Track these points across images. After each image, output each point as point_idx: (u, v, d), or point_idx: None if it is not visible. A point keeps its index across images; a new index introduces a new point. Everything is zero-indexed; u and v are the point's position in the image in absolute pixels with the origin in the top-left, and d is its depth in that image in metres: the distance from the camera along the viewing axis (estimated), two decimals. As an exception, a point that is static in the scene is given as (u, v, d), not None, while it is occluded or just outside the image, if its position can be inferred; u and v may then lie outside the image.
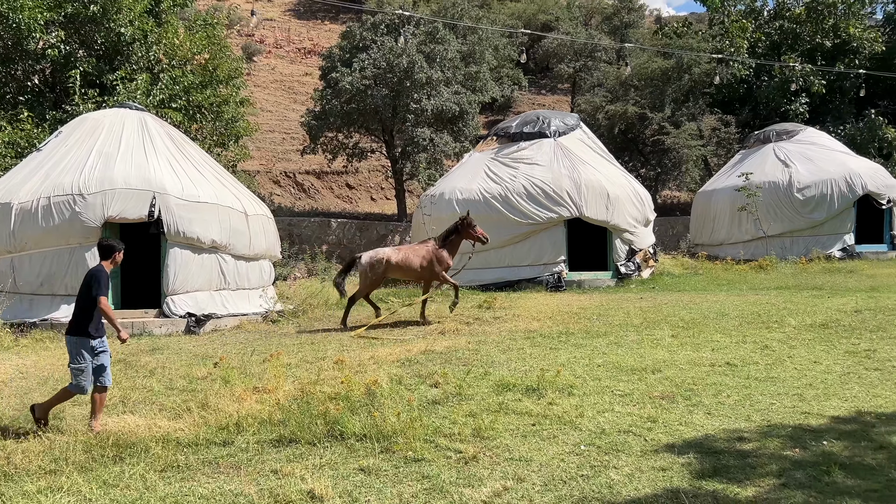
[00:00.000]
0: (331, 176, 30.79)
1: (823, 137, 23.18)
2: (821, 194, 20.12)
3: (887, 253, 20.40)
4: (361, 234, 23.12)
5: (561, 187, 16.33)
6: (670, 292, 15.02)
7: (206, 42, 19.36)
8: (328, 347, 9.86)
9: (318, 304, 13.97)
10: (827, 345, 8.80)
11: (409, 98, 24.18)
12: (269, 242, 14.18)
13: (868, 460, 4.89)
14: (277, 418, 6.25)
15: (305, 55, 46.60)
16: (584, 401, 6.66)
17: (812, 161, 21.10)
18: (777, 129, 23.52)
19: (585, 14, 52.26)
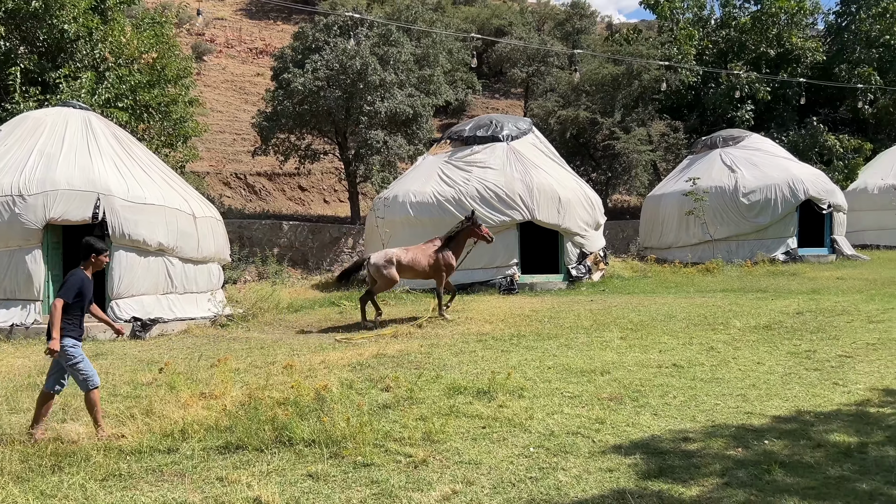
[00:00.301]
0: (283, 178, 30.46)
1: (768, 143, 23.82)
2: (765, 199, 20.66)
3: (828, 256, 21.06)
4: (314, 236, 22.92)
5: (514, 191, 16.45)
6: (620, 295, 15.24)
7: (153, 40, 18.95)
8: (278, 352, 9.74)
9: (269, 308, 13.78)
10: (770, 346, 9.04)
11: (363, 100, 24.08)
12: (218, 245, 13.94)
13: (807, 458, 5.03)
14: (224, 424, 6.14)
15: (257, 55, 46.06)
16: (534, 403, 6.71)
17: (757, 167, 21.66)
18: (723, 135, 24.09)
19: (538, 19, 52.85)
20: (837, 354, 8.35)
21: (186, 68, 20.26)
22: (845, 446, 5.21)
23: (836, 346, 8.79)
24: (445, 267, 12.57)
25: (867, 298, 12.77)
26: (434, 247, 12.72)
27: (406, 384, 7.34)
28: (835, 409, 6.18)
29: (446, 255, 12.60)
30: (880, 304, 11.93)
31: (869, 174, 27.79)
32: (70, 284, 6.17)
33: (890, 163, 27.55)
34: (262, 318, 13.30)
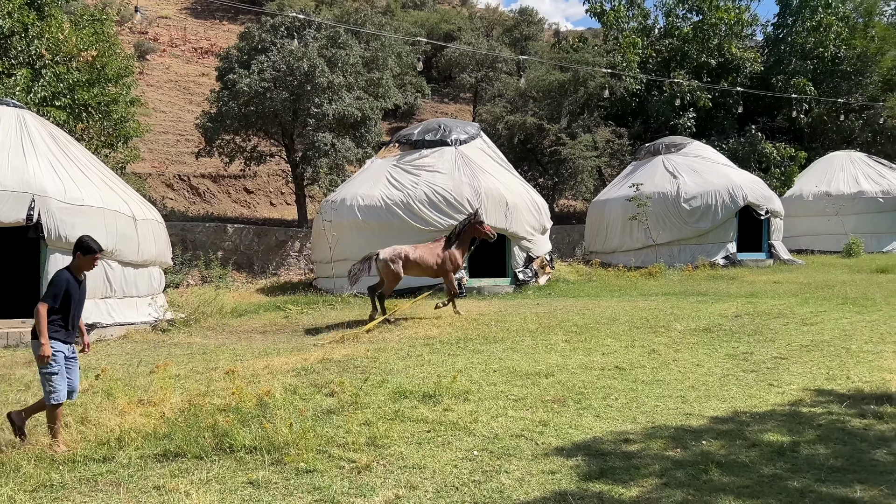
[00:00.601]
0: (228, 180, 29.94)
1: (708, 151, 24.46)
2: (706, 205, 21.20)
3: (766, 261, 21.71)
4: (259, 239, 22.59)
5: (462, 195, 16.50)
6: (565, 298, 15.43)
7: (93, 38, 18.43)
8: (220, 357, 9.55)
9: (212, 313, 13.52)
10: (709, 348, 9.25)
11: (310, 102, 23.86)
12: (159, 248, 13.62)
13: (742, 458, 5.16)
14: (163, 432, 6.00)
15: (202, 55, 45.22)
16: (480, 406, 6.73)
17: (698, 173, 22.22)
18: (666, 141, 24.64)
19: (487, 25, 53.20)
20: (773, 356, 8.59)
21: (128, 67, 19.77)
22: (778, 445, 5.36)
23: (771, 348, 9.05)
24: (452, 265, 12.82)
25: (802, 302, 13.19)
26: (440, 245, 12.97)
27: (351, 389, 7.28)
28: (769, 410, 6.36)
29: (453, 254, 12.87)
30: (814, 308, 12.35)
31: (804, 181, 28.78)
32: (54, 286, 5.91)
33: (823, 170, 28.58)
34: (204, 322, 13.04)
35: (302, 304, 14.75)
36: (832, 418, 6.01)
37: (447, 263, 12.77)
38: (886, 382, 7.08)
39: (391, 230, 16.21)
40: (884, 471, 4.84)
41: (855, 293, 14.19)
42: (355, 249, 16.51)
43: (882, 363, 7.96)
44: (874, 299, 13.11)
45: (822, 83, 34.41)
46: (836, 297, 13.76)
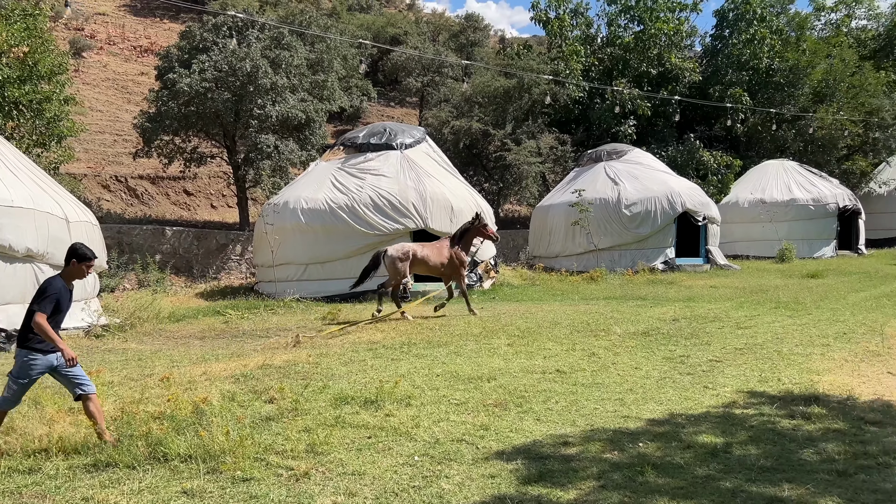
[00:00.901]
0: (167, 181, 29.25)
1: (648, 158, 25.01)
2: (646, 211, 21.66)
3: (703, 266, 22.30)
4: (199, 243, 22.11)
5: (407, 199, 16.48)
6: (509, 302, 15.54)
7: (25, 34, 17.79)
8: (156, 364, 9.30)
9: (149, 318, 13.15)
10: (647, 351, 9.43)
11: (253, 103, 23.50)
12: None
13: (677, 459, 5.26)
14: (93, 441, 5.79)
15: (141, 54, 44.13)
16: (421, 411, 6.71)
17: (638, 180, 22.69)
18: (608, 148, 25.10)
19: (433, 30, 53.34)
20: (708, 359, 8.81)
21: (62, 64, 19.15)
22: (712, 447, 5.49)
23: (707, 351, 9.29)
24: (459, 264, 13.23)
25: (737, 306, 13.59)
26: (446, 245, 13.35)
27: (291, 395, 7.17)
28: (704, 412, 6.51)
29: (459, 253, 13.22)
30: (748, 311, 12.73)
31: (740, 188, 29.69)
32: (47, 294, 5.67)
33: (758, 178, 29.54)
34: (140, 328, 12.68)
35: (242, 308, 14.50)
36: (763, 419, 6.18)
37: (454, 262, 13.19)
38: (814, 384, 7.33)
39: (335, 234, 16.10)
40: (810, 470, 5.01)
41: (787, 298, 14.69)
42: (298, 253, 16.36)
43: (811, 365, 8.25)
44: (805, 303, 13.59)
45: (757, 94, 35.57)
46: (770, 301, 14.22)
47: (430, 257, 13.08)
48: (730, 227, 26.82)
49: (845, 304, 13.30)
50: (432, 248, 13.28)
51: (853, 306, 13.00)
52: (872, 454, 5.23)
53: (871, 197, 32.90)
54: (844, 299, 14.18)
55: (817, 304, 13.42)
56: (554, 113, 34.45)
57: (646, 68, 34.82)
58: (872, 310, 12.44)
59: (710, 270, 21.95)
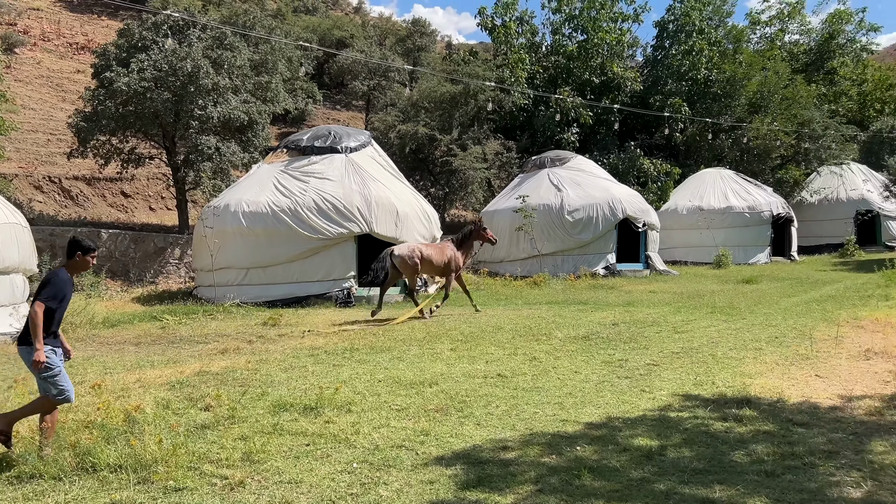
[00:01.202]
0: (103, 183, 28.39)
1: (591, 165, 25.44)
2: (588, 217, 22.01)
3: (642, 271, 22.75)
4: (136, 246, 21.51)
5: (352, 203, 16.37)
6: (454, 307, 15.55)
7: (-49, 26, 17.05)
8: (88, 371, 9.00)
9: (82, 323, 12.73)
10: (587, 356, 9.56)
11: (194, 104, 23.00)
12: (22, 254, 12.72)
13: (613, 462, 5.34)
14: (17, 452, 5.56)
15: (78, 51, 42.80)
16: (362, 417, 6.65)
17: (581, 186, 23.04)
18: (551, 155, 25.43)
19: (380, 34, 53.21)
20: (646, 363, 8.98)
21: (-9, 59, 18.41)
22: (647, 449, 5.58)
23: (645, 355, 9.46)
24: (456, 266, 14.02)
25: (674, 310, 13.89)
26: (449, 246, 14.15)
27: (228, 402, 7.03)
28: (641, 415, 6.63)
29: (457, 255, 14.06)
30: (685, 316, 13.03)
31: (679, 196, 30.43)
32: (52, 286, 5.56)
33: (696, 186, 30.32)
34: (73, 333, 12.25)
35: (180, 313, 14.15)
36: (697, 422, 6.32)
37: (452, 263, 13.97)
38: (746, 387, 7.54)
39: (277, 237, 15.87)
40: (741, 471, 5.14)
41: (722, 302, 15.09)
42: (239, 257, 16.06)
43: (743, 369, 8.47)
44: (739, 308, 13.98)
45: (696, 104, 36.53)
46: (706, 306, 14.58)
47: (434, 256, 13.76)
48: (669, 234, 27.47)
49: (777, 309, 13.73)
50: (435, 249, 14.02)
51: (785, 311, 13.43)
52: (799, 455, 5.40)
53: (802, 205, 34.15)
54: (777, 304, 14.63)
55: (751, 309, 13.82)
56: (499, 119, 34.75)
57: (589, 77, 35.43)
58: (803, 314, 12.87)
59: (649, 276, 22.41)
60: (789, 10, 46.92)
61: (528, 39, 37.61)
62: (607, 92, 35.52)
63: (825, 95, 43.29)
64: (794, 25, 47.65)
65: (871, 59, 52.08)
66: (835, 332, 10.62)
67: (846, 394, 7.19)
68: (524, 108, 34.49)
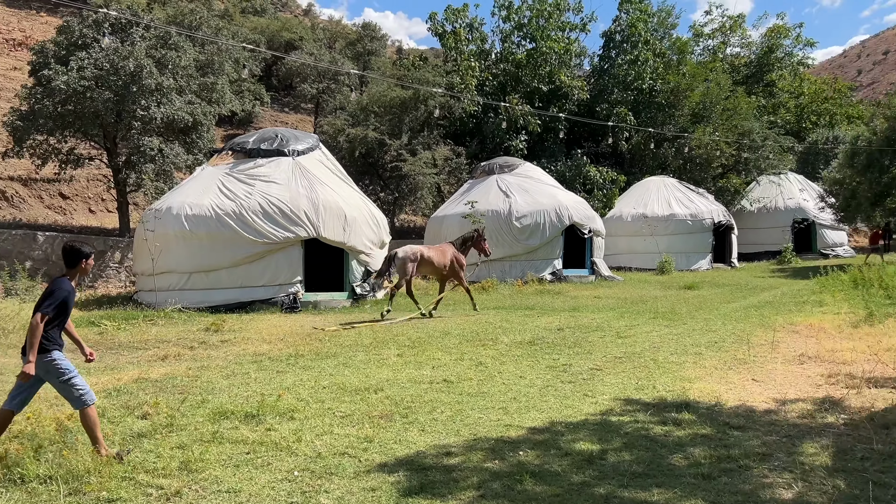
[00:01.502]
0: (40, 184, 27.48)
1: (538, 172, 25.71)
2: (535, 223, 22.23)
3: (588, 277, 23.08)
4: (75, 249, 20.86)
5: (299, 207, 16.18)
6: (402, 312, 15.51)
7: None
8: (19, 378, 8.66)
9: (15, 329, 12.24)
10: (532, 360, 9.64)
11: (136, 104, 22.46)
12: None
13: (555, 467, 5.38)
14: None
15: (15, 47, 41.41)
16: (305, 424, 6.56)
17: (529, 193, 23.27)
18: (500, 162, 25.62)
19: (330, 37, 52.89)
20: (589, 368, 9.09)
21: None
22: (589, 454, 5.65)
23: (589, 360, 9.58)
24: (459, 267, 14.88)
25: (618, 316, 14.13)
26: (450, 249, 14.95)
27: (167, 410, 6.86)
28: (583, 419, 6.70)
29: (459, 256, 14.90)
30: (628, 321, 13.25)
31: (624, 203, 31.00)
32: (55, 297, 5.47)
33: (640, 194, 30.94)
34: (5, 339, 11.79)
35: (119, 319, 13.77)
36: (638, 426, 6.42)
37: (455, 265, 14.82)
38: (686, 391, 7.70)
39: (221, 241, 15.59)
40: (679, 474, 5.23)
41: (665, 308, 15.41)
42: (181, 261, 15.73)
43: (683, 373, 8.66)
44: (680, 314, 14.30)
45: (641, 113, 37.31)
46: (649, 311, 14.87)
47: (435, 258, 14.47)
48: (614, 240, 27.95)
49: (717, 315, 14.08)
50: (437, 251, 14.75)
51: (724, 316, 13.77)
52: (735, 457, 5.53)
53: (742, 213, 35.16)
54: (717, 310, 15.00)
55: (692, 315, 14.14)
56: (449, 125, 34.88)
57: (537, 85, 35.84)
58: (741, 320, 13.22)
59: (595, 281, 22.75)
60: (731, 23, 48.37)
61: (478, 46, 37.87)
62: (555, 100, 36.00)
63: (764, 107, 44.71)
64: (736, 39, 49.15)
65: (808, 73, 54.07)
66: (771, 337, 10.94)
67: (780, 397, 7.41)
68: (474, 114, 34.70)
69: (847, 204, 30.77)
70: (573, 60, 38.35)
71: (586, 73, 41.48)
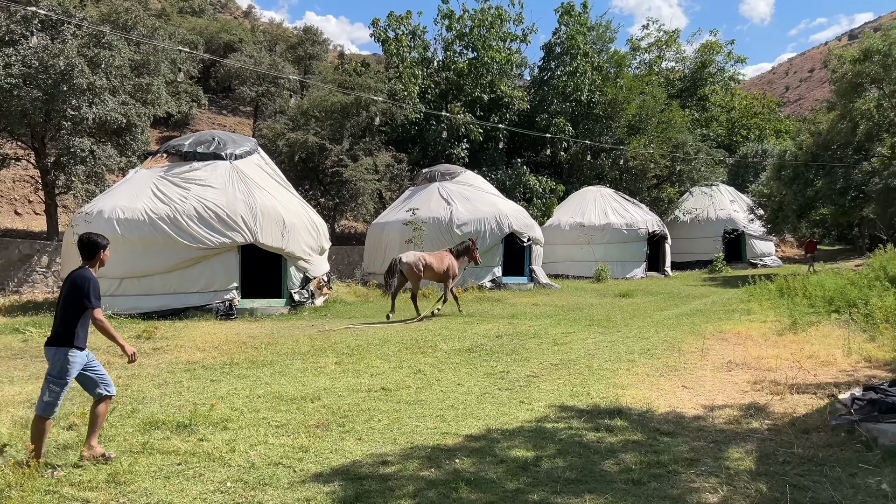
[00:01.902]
0: (-37, 184, 26.31)
1: (479, 180, 25.94)
2: (475, 231, 22.40)
3: (527, 284, 23.36)
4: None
5: (235, 212, 15.93)
6: (341, 319, 15.43)
7: None
8: (-65, 388, 8.28)
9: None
10: (470, 368, 9.70)
11: (67, 104, 21.74)
12: None
13: (490, 474, 5.43)
14: None
15: (-64, 40, 39.47)
16: (239, 434, 6.46)
17: (469, 201, 23.45)
18: (442, 169, 25.75)
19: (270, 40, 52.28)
20: (526, 374, 9.21)
21: None
22: (523, 460, 5.72)
23: (526, 367, 9.70)
24: (452, 274, 15.98)
25: (555, 323, 14.34)
26: (449, 256, 16.09)
27: (95, 421, 6.65)
28: (518, 426, 6.78)
29: (454, 263, 16.06)
30: (565, 329, 13.47)
31: (562, 212, 31.53)
32: (93, 288, 5.61)
33: (578, 203, 31.54)
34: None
35: (46, 326, 13.26)
36: (572, 433, 6.54)
37: (451, 270, 15.95)
38: (619, 398, 7.87)
39: (155, 247, 15.22)
40: (610, 480, 5.35)
41: (600, 315, 15.72)
42: (112, 267, 15.22)
43: (617, 380, 8.85)
44: (615, 321, 14.61)
45: (580, 124, 38.04)
46: (585, 319, 15.15)
47: (434, 264, 15.57)
48: (552, 248, 28.38)
49: (650, 322, 14.44)
50: (436, 257, 15.85)
51: (657, 324, 14.13)
52: (664, 463, 5.68)
53: (676, 223, 36.19)
54: (650, 318, 15.39)
55: (626, 322, 14.46)
56: (391, 131, 34.89)
57: (479, 94, 36.17)
58: (673, 327, 13.59)
59: (533, 289, 23.04)
60: (666, 38, 49.80)
61: (421, 54, 38.00)
62: (496, 109, 36.38)
63: (697, 120, 46.17)
64: (671, 53, 50.66)
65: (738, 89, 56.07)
66: (701, 345, 11.28)
67: (709, 403, 7.64)
68: (416, 121, 34.78)
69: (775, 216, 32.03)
70: (514, 71, 38.85)
71: (527, 84, 42.08)
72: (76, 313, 5.59)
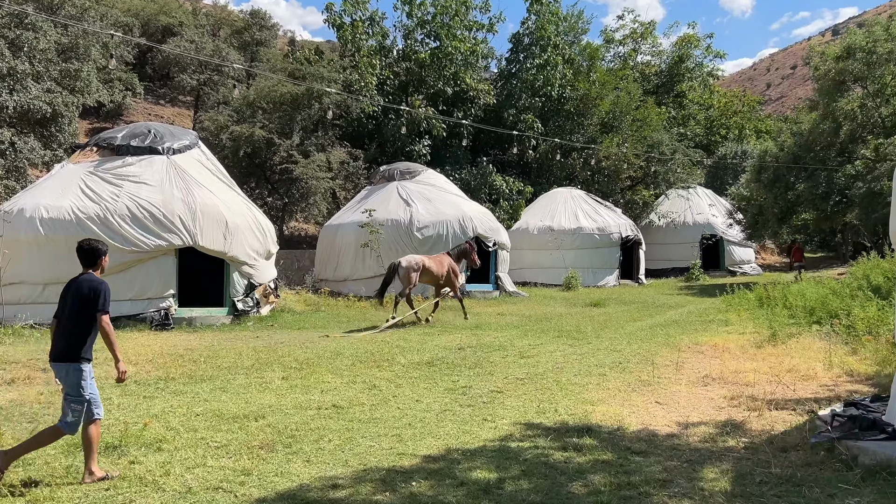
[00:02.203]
0: None
1: (441, 180, 26.02)
2: (437, 234, 22.45)
3: (492, 292, 23.48)
4: None
5: (173, 212, 15.74)
6: (289, 330, 15.33)
7: None
8: None
9: None
10: (430, 382, 9.72)
11: (-15, 90, 21.26)
12: None
13: (449, 498, 5.44)
14: None
15: None
16: (174, 456, 6.37)
17: (431, 202, 23.49)
18: (401, 168, 25.76)
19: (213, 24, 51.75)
20: (490, 390, 9.26)
21: None
22: (485, 483, 5.75)
23: (490, 382, 9.75)
24: (455, 276, 16.99)
25: (522, 334, 14.45)
26: (447, 259, 16.98)
27: (13, 442, 6.50)
28: (481, 446, 6.81)
29: (454, 266, 16.99)
30: (532, 340, 13.58)
31: (530, 215, 31.77)
32: (106, 294, 5.74)
33: (547, 205, 31.81)
34: None
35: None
36: (538, 452, 6.59)
37: (451, 274, 16.85)
38: (588, 414, 7.96)
39: (83, 249, 14.91)
40: (578, 503, 5.41)
41: (570, 326, 15.88)
42: (34, 271, 14.98)
43: (586, 395, 8.95)
44: (586, 332, 14.77)
45: (550, 121, 38.39)
46: (553, 330, 15.29)
47: (433, 268, 16.40)
48: (520, 254, 28.56)
49: (623, 334, 14.63)
50: (435, 261, 16.71)
51: (630, 336, 14.33)
52: (635, 484, 5.76)
53: (651, 228, 36.73)
54: (622, 329, 15.59)
55: (597, 334, 14.63)
56: (346, 126, 34.74)
57: (442, 87, 36.25)
58: (647, 339, 13.79)
59: (499, 297, 23.16)
60: (642, 30, 50.57)
61: (379, 42, 37.96)
62: (461, 104, 36.52)
63: (674, 118, 46.94)
64: (647, 46, 51.45)
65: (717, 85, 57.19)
66: (676, 358, 11.47)
67: (683, 420, 7.77)
68: (373, 115, 34.71)
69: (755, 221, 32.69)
70: (480, 62, 39.04)
71: (493, 77, 42.31)
72: (89, 322, 5.75)
